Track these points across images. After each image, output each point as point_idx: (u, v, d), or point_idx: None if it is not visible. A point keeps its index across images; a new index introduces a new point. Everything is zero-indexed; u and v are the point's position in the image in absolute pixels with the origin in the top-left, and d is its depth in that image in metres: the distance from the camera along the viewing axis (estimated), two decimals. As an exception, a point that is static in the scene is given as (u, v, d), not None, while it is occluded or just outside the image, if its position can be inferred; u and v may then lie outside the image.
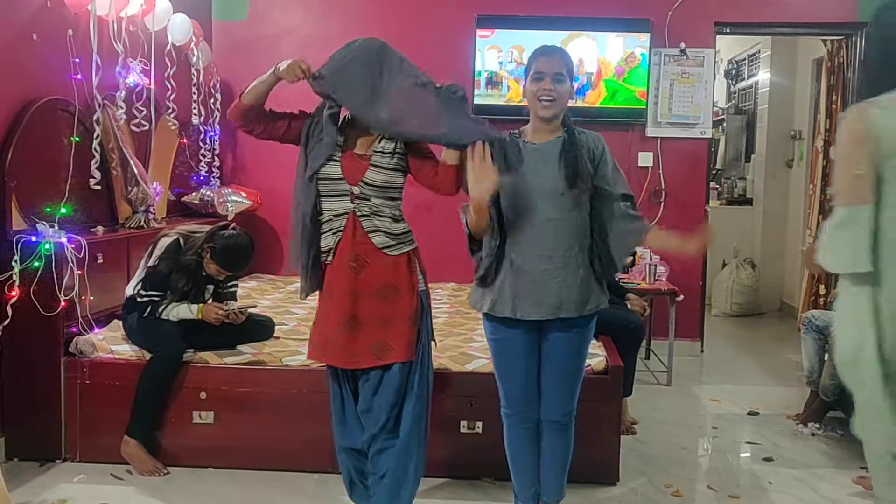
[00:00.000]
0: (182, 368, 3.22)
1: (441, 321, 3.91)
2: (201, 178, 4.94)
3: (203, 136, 4.92)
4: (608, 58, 5.12)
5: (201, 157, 4.91)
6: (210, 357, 3.27)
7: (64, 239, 3.19)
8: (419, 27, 5.10)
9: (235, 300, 3.49)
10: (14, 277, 3.08)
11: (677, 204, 5.26)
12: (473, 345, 3.46)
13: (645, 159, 5.24)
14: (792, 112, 6.88)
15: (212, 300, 3.39)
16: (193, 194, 4.86)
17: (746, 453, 3.63)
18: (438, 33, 5.14)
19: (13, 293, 3.08)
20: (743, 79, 7.85)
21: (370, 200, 2.50)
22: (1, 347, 3.18)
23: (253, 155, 5.34)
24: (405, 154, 2.53)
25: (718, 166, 7.94)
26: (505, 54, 5.16)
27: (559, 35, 4.99)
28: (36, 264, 3.11)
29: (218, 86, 5.03)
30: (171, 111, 4.44)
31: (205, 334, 3.29)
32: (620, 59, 5.11)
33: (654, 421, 3.96)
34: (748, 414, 4.14)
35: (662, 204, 5.26)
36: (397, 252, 2.53)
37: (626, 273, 4.83)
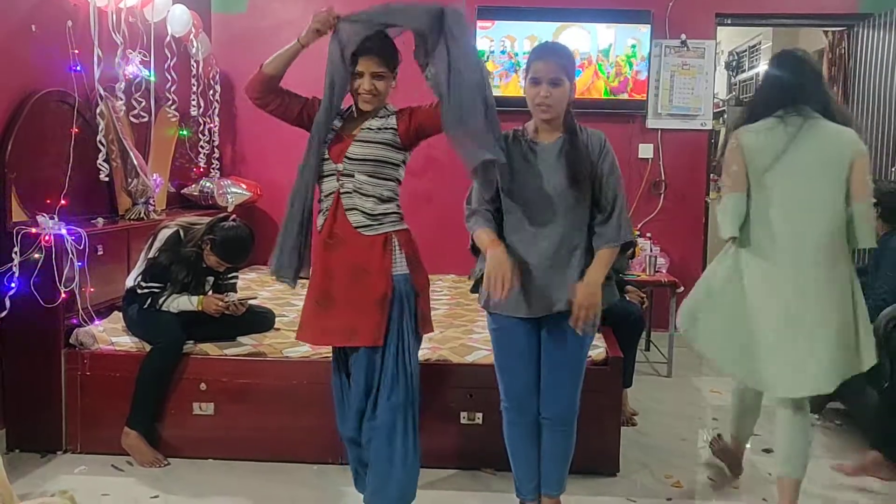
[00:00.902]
0: (182, 360, 3.23)
1: (441, 313, 3.91)
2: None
3: (202, 128, 4.91)
4: (608, 48, 5.10)
5: (200, 149, 4.91)
6: (210, 348, 3.28)
7: (64, 230, 3.19)
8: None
9: (235, 292, 3.49)
10: (14, 269, 3.09)
11: (677, 196, 5.27)
12: (474, 336, 3.47)
13: (645, 151, 5.24)
14: (793, 104, 6.85)
15: (212, 292, 3.39)
16: (193, 186, 4.86)
17: (746, 444, 3.62)
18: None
19: (13, 285, 3.08)
20: (744, 70, 7.82)
21: (353, 177, 2.49)
22: (2, 339, 3.19)
23: (253, 147, 5.34)
24: (396, 129, 2.51)
25: (719, 158, 7.91)
26: (497, 44, 5.13)
27: (559, 26, 4.97)
28: (36, 256, 3.11)
29: (217, 77, 5.02)
30: (171, 103, 4.43)
31: (205, 326, 3.29)
32: (621, 53, 5.10)
33: (655, 412, 3.97)
34: (748, 405, 4.15)
35: (662, 196, 5.26)
36: (373, 233, 2.50)
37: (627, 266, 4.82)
